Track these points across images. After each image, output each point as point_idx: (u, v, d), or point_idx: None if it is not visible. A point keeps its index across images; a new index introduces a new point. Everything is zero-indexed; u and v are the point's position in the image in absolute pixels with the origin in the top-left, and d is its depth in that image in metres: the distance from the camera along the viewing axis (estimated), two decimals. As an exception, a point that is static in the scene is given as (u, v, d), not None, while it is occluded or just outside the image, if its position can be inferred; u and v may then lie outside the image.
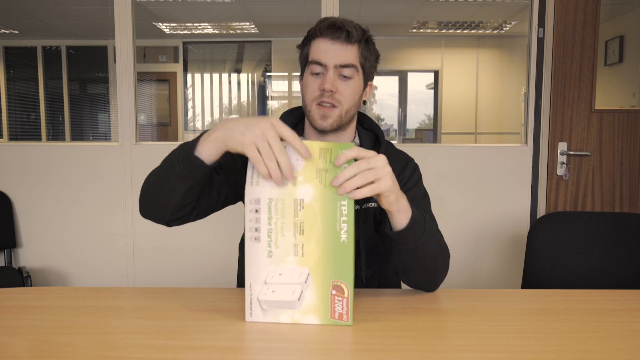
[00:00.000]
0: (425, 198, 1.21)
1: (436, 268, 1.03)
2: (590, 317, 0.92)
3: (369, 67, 1.17)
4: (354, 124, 1.22)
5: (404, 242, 0.97)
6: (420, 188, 1.22)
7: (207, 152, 0.92)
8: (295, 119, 1.23)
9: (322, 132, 1.16)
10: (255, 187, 0.85)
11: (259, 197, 0.85)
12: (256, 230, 0.85)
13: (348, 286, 0.85)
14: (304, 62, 1.16)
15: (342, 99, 1.12)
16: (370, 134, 1.25)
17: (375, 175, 0.86)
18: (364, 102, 1.22)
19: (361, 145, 1.22)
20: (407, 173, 1.21)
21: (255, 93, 6.72)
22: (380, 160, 0.87)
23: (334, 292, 0.85)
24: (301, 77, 1.19)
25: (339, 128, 1.15)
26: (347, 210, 0.84)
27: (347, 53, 1.11)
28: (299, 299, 0.85)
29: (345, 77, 1.12)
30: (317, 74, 1.12)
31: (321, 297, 0.85)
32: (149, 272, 2.41)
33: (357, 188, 0.84)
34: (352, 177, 0.84)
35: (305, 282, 0.85)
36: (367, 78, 1.18)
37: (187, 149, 0.93)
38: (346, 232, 0.84)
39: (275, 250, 0.85)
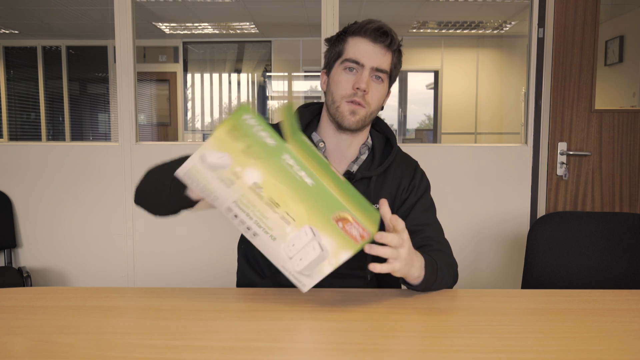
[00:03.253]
0: (431, 208, 1.23)
1: (447, 287, 1.09)
2: (590, 317, 0.92)
3: (395, 76, 1.20)
4: (369, 127, 1.24)
5: (417, 289, 1.03)
6: (427, 199, 1.23)
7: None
8: (311, 114, 1.24)
9: (341, 130, 1.17)
10: (217, 202, 0.87)
11: (228, 206, 0.87)
12: (248, 229, 0.87)
13: (347, 211, 0.85)
14: (336, 57, 1.16)
15: (372, 101, 1.14)
16: (382, 136, 1.27)
17: (393, 255, 0.89)
18: (382, 108, 1.23)
19: (373, 146, 1.24)
20: (416, 181, 1.23)
21: (255, 93, 6.72)
22: (404, 241, 0.90)
23: (340, 224, 0.85)
24: (327, 70, 1.19)
25: (360, 128, 1.17)
26: (293, 159, 0.83)
27: (385, 58, 1.13)
28: (322, 250, 0.86)
29: (378, 79, 1.14)
30: (352, 69, 1.13)
31: (335, 235, 0.86)
32: (148, 272, 2.41)
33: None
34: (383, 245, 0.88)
35: (315, 235, 0.86)
36: (391, 85, 1.21)
37: (180, 186, 0.95)
38: (307, 175, 0.84)
39: (274, 232, 0.87)
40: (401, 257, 0.90)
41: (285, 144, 0.83)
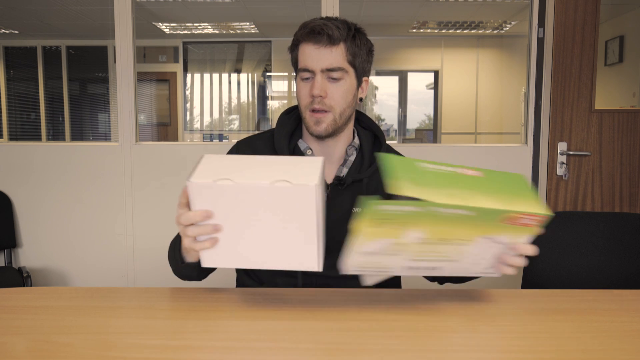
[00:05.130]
0: None
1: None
2: (590, 317, 0.92)
3: (361, 63, 1.14)
4: (351, 125, 1.20)
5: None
6: None
7: (192, 257, 1.01)
8: (295, 121, 1.21)
9: (319, 137, 1.15)
10: (389, 272, 0.89)
11: (403, 266, 0.87)
12: (425, 268, 0.88)
13: (510, 212, 0.79)
14: (295, 66, 1.15)
15: (333, 103, 1.11)
16: (370, 134, 1.24)
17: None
18: (360, 100, 1.19)
19: (361, 145, 1.21)
20: None
21: (255, 93, 6.72)
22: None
23: (509, 222, 0.81)
24: (295, 79, 1.18)
25: (335, 132, 1.14)
26: (445, 208, 0.78)
27: (333, 55, 1.09)
28: (502, 244, 0.85)
29: (334, 79, 1.10)
30: (307, 79, 1.12)
31: (509, 230, 0.83)
32: (149, 272, 2.41)
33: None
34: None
35: (489, 238, 0.84)
36: (361, 74, 1.15)
37: (179, 260, 1.05)
38: (465, 210, 0.78)
39: (452, 257, 0.87)
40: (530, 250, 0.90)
41: (430, 204, 0.76)
